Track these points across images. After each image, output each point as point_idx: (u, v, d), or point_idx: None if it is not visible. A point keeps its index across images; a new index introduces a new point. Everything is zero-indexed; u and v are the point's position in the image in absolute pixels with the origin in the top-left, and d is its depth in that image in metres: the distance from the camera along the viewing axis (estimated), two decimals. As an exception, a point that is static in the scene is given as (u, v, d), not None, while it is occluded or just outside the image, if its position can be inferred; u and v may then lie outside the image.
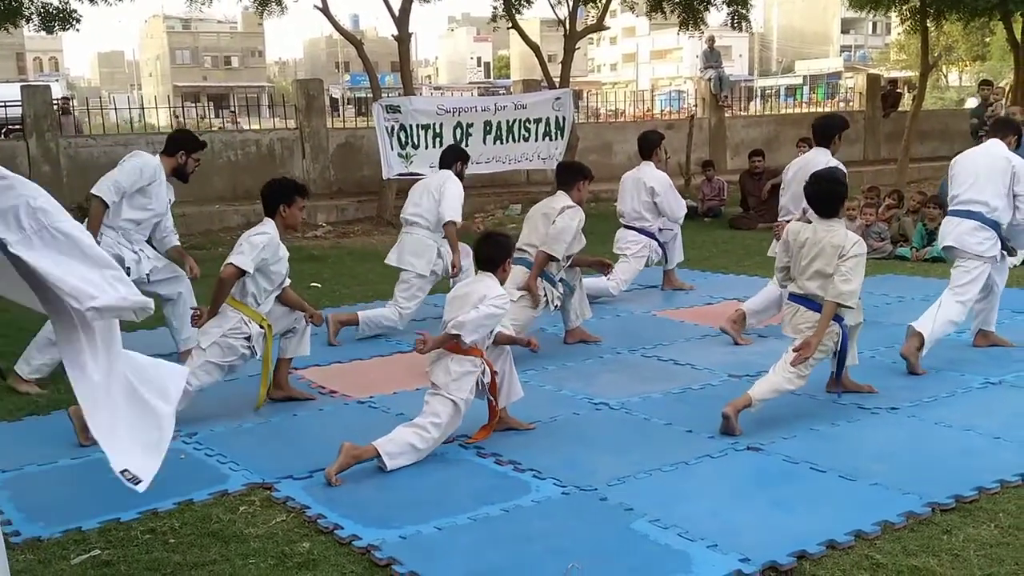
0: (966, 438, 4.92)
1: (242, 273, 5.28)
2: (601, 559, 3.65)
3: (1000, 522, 3.92)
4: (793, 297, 5.30)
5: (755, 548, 3.68)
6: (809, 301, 5.17)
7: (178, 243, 6.77)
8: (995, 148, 6.35)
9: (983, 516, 3.98)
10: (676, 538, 3.81)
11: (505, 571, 3.59)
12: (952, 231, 6.32)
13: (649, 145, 8.79)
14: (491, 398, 4.92)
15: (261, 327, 5.45)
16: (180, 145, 6.59)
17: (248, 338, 5.39)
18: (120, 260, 6.27)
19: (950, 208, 6.47)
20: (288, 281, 5.69)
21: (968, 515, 3.99)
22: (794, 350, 5.07)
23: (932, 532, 3.84)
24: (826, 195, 5.25)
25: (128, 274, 6.29)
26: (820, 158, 6.87)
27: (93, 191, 6.33)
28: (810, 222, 5.32)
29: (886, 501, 4.11)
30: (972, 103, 31.19)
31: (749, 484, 4.40)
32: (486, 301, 4.73)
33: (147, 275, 6.41)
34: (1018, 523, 3.90)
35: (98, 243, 6.09)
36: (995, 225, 6.20)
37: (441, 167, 7.62)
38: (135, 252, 6.42)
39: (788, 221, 6.88)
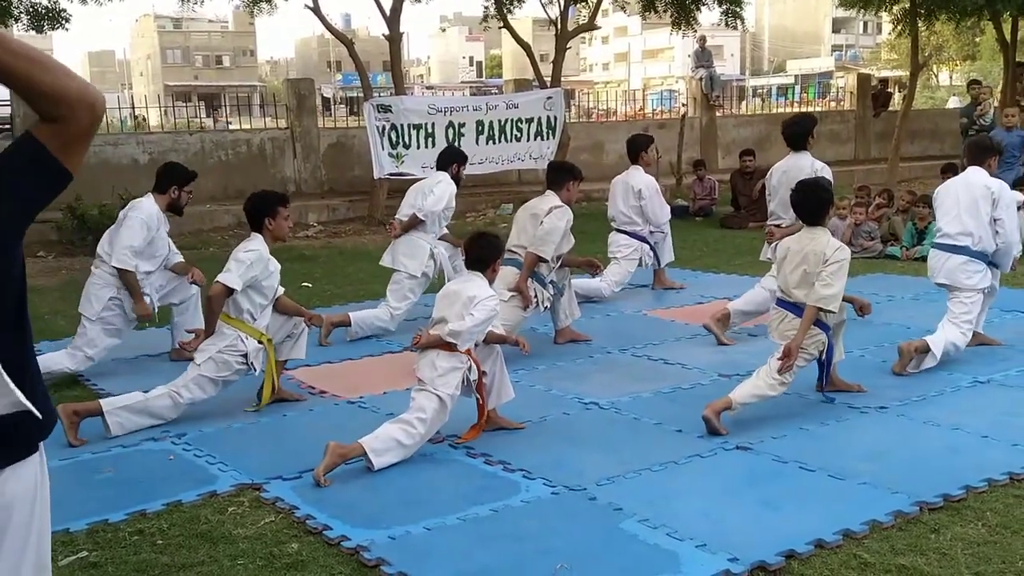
0: (954, 437, 4.94)
1: (230, 291, 5.28)
2: (590, 559, 3.66)
3: (988, 521, 3.93)
4: (781, 303, 5.32)
5: (744, 548, 3.68)
6: (797, 308, 5.19)
7: (181, 259, 6.86)
8: (974, 176, 6.33)
9: (971, 515, 3.99)
10: (665, 538, 3.81)
11: (494, 571, 3.59)
12: (942, 267, 6.33)
13: (637, 148, 8.82)
14: (478, 397, 4.92)
15: (260, 343, 5.45)
16: (171, 180, 6.57)
17: (244, 355, 5.38)
18: None
19: (936, 241, 6.48)
20: (281, 289, 5.69)
21: (956, 514, 4.00)
22: (778, 359, 5.09)
23: (920, 531, 3.85)
24: (811, 203, 5.32)
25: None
26: (803, 162, 6.91)
27: (116, 265, 6.30)
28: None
29: (874, 500, 4.12)
30: (954, 102, 31.32)
31: (738, 483, 4.40)
32: (477, 305, 4.73)
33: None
34: (1005, 522, 3.91)
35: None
36: (982, 256, 6.23)
37: (438, 168, 7.64)
38: (145, 295, 6.49)
39: (778, 225, 6.92)
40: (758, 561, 3.58)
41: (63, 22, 15.35)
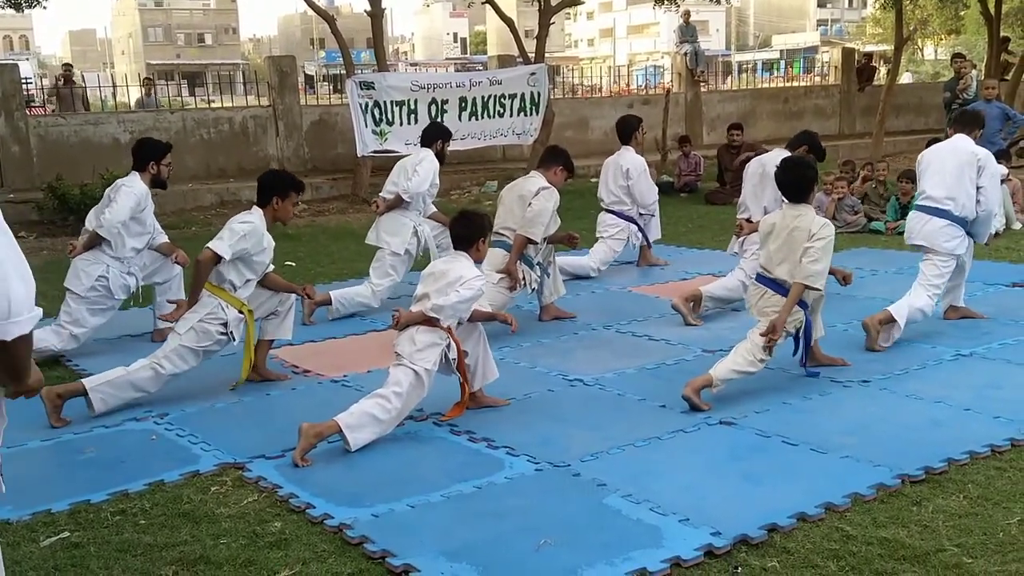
0: (937, 410, 4.96)
1: (219, 258, 5.24)
2: (574, 535, 3.66)
3: (969, 493, 3.95)
4: (761, 279, 5.32)
5: (727, 522, 3.69)
6: (777, 284, 5.19)
7: (166, 239, 6.82)
8: (961, 143, 6.37)
9: (952, 487, 4.01)
10: (648, 513, 3.82)
11: (478, 548, 3.59)
12: (921, 229, 6.35)
13: (628, 129, 8.84)
14: (459, 375, 4.90)
15: (240, 312, 5.42)
16: (148, 156, 6.53)
17: (224, 324, 5.35)
18: (127, 288, 6.51)
19: (917, 203, 6.50)
20: (271, 267, 5.66)
21: (937, 486, 4.02)
22: (761, 334, 5.09)
23: (902, 503, 3.87)
24: (796, 180, 5.33)
25: (129, 291, 6.47)
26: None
27: (101, 233, 6.32)
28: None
29: (856, 473, 4.14)
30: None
31: (721, 458, 4.42)
32: (463, 283, 4.71)
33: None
34: (986, 494, 3.94)
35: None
36: (962, 222, 6.25)
37: (422, 145, 7.61)
38: (131, 273, 6.53)
39: (748, 219, 6.92)
40: (741, 535, 3.59)
41: (41, 0, 15.14)
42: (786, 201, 5.42)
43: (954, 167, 6.27)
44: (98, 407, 5.12)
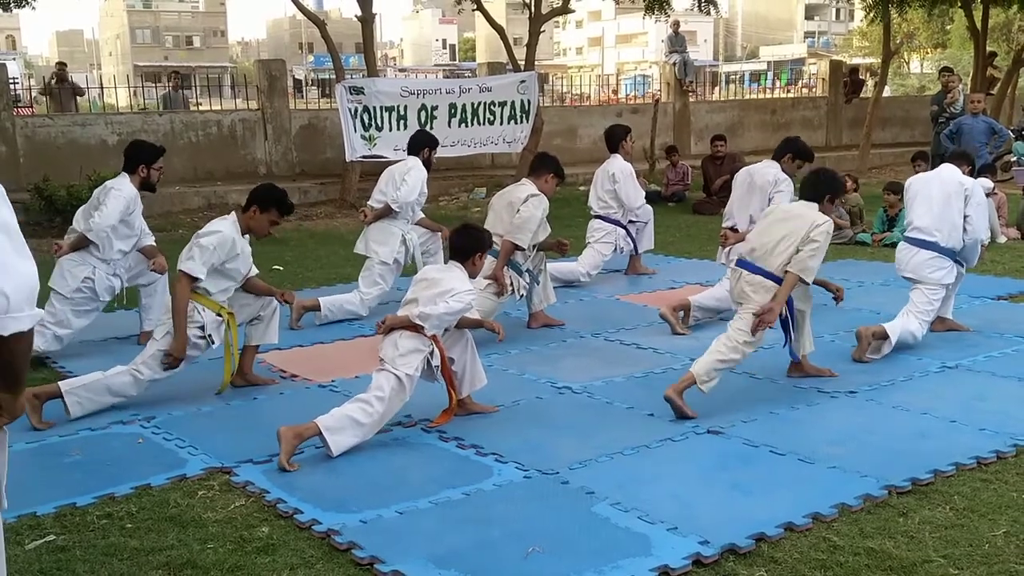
0: (923, 421, 4.98)
1: (194, 280, 5.21)
2: (562, 542, 3.66)
3: (955, 504, 3.97)
4: (739, 262, 5.39)
5: (715, 531, 3.70)
6: (752, 265, 5.24)
7: (152, 243, 6.79)
8: (948, 173, 6.45)
9: (938, 499, 4.03)
10: (637, 521, 3.83)
11: (466, 555, 3.58)
12: (909, 260, 6.41)
13: (616, 138, 8.91)
14: (445, 382, 4.90)
15: (219, 315, 5.38)
16: (139, 159, 6.50)
17: (202, 327, 5.30)
18: (112, 289, 6.51)
19: (906, 234, 6.55)
20: (255, 270, 5.63)
21: (924, 498, 4.04)
22: (755, 314, 5.10)
23: (888, 514, 3.88)
24: (817, 181, 5.48)
25: (113, 292, 6.46)
26: (769, 169, 7.02)
27: (91, 238, 6.33)
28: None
29: (844, 484, 4.15)
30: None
31: (709, 467, 4.43)
32: (454, 295, 4.71)
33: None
34: (972, 505, 3.96)
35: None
36: (950, 252, 6.32)
37: (409, 153, 7.61)
38: (116, 275, 6.52)
39: (733, 228, 6.96)
40: (728, 544, 3.60)
41: (30, 0, 15.07)
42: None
43: (941, 197, 6.33)
44: (74, 411, 5.08)
